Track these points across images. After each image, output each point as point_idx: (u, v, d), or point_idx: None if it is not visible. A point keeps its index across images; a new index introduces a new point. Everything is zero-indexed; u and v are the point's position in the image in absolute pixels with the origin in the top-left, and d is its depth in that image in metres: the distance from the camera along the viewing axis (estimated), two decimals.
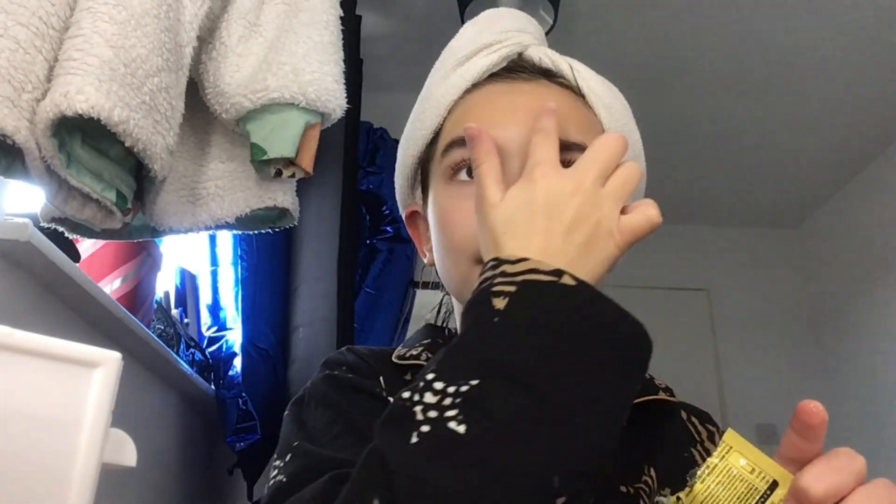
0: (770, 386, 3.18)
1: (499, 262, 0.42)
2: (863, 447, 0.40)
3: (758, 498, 0.39)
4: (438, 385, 0.38)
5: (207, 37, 0.84)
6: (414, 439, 0.36)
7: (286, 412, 0.56)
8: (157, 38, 0.69)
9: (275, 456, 0.52)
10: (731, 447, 0.41)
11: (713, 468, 0.40)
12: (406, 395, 0.39)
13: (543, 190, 0.45)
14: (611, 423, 0.38)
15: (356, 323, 1.58)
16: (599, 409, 0.38)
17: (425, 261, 0.66)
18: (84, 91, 0.60)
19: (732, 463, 0.41)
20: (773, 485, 0.40)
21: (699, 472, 0.41)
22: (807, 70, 2.45)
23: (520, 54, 0.62)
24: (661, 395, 0.60)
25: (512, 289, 0.40)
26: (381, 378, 0.56)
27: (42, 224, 0.77)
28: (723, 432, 0.63)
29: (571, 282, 0.40)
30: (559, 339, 0.38)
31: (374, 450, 0.38)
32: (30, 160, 0.60)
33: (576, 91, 0.61)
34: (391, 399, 0.53)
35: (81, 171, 0.66)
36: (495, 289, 0.41)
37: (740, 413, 3.10)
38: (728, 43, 2.34)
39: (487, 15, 0.65)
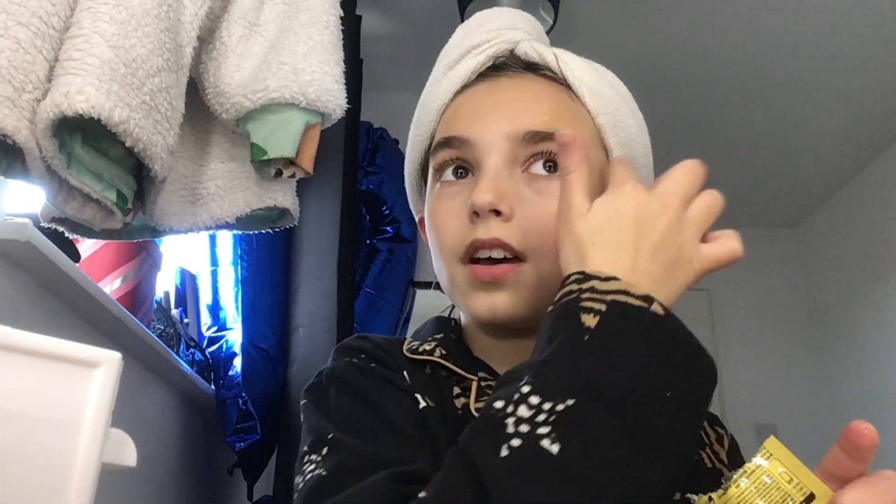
0: (770, 386, 3.18)
1: (585, 276, 0.42)
2: None
3: None
4: (534, 399, 0.38)
5: (207, 37, 0.84)
6: (504, 452, 0.37)
7: (303, 401, 0.55)
8: (158, 38, 0.69)
9: (305, 448, 0.50)
10: (771, 454, 0.41)
11: (749, 473, 0.40)
12: (499, 404, 0.39)
13: (632, 204, 0.45)
14: (684, 453, 0.39)
15: (356, 323, 1.58)
16: (677, 439, 0.39)
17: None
18: (84, 91, 0.60)
19: (771, 470, 0.40)
20: (810, 497, 0.39)
21: (735, 476, 0.40)
22: (807, 70, 2.45)
23: (511, 52, 0.62)
24: None
25: (602, 307, 0.40)
26: (405, 372, 0.56)
27: (42, 224, 0.77)
28: (729, 433, 0.63)
29: (660, 311, 0.40)
30: (649, 367, 0.39)
31: (460, 456, 0.38)
32: (30, 160, 0.60)
33: (562, 81, 0.60)
34: (417, 395, 0.53)
35: (82, 171, 0.66)
36: (584, 304, 0.41)
37: (740, 413, 3.10)
38: (728, 43, 2.34)
39: (478, 16, 0.65)
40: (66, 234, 0.79)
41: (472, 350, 0.60)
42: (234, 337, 1.39)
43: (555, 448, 0.36)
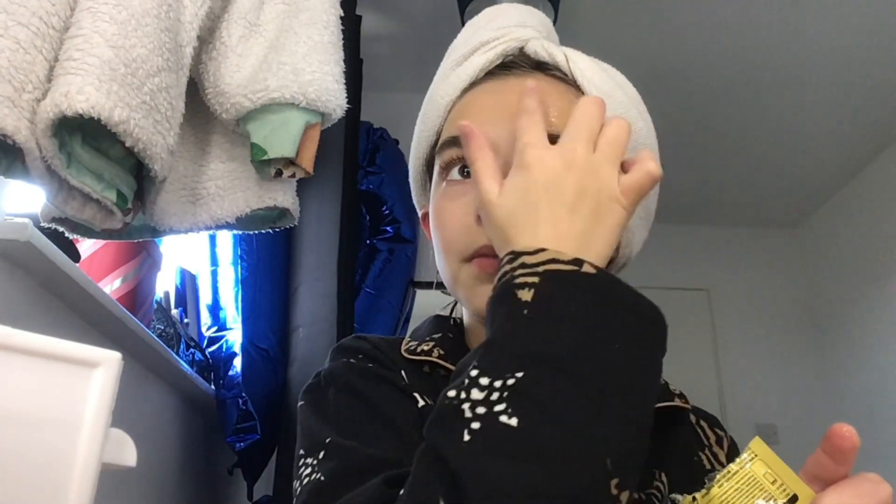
0: (770, 386, 3.18)
1: (516, 254, 0.42)
2: (862, 447, 0.40)
3: None
4: (484, 381, 0.39)
5: (207, 37, 0.84)
6: (466, 437, 0.37)
7: (301, 402, 0.55)
8: (158, 38, 0.69)
9: (302, 451, 0.50)
10: (755, 455, 0.41)
11: (734, 473, 0.40)
12: (451, 393, 0.39)
13: (538, 173, 0.45)
14: (647, 401, 0.40)
15: (356, 323, 1.58)
16: (636, 388, 0.39)
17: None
18: (84, 91, 0.60)
19: (755, 471, 0.40)
20: (793, 499, 0.39)
21: (718, 476, 0.40)
22: (807, 70, 2.45)
23: (520, 49, 0.61)
24: (677, 402, 0.60)
25: (535, 279, 0.40)
26: (403, 372, 0.56)
27: (42, 224, 0.77)
28: (728, 435, 0.63)
29: (591, 269, 0.41)
30: (590, 326, 0.39)
31: (427, 450, 0.38)
32: (30, 160, 0.60)
33: (571, 82, 0.60)
34: (416, 395, 0.53)
35: (82, 171, 0.66)
36: (518, 281, 0.41)
37: (740, 413, 3.10)
38: (728, 43, 2.34)
39: (487, 12, 0.65)
40: (66, 234, 0.79)
41: (471, 348, 0.60)
42: (234, 337, 1.39)
43: (514, 421, 0.36)
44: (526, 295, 0.40)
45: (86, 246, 1.06)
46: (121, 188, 0.71)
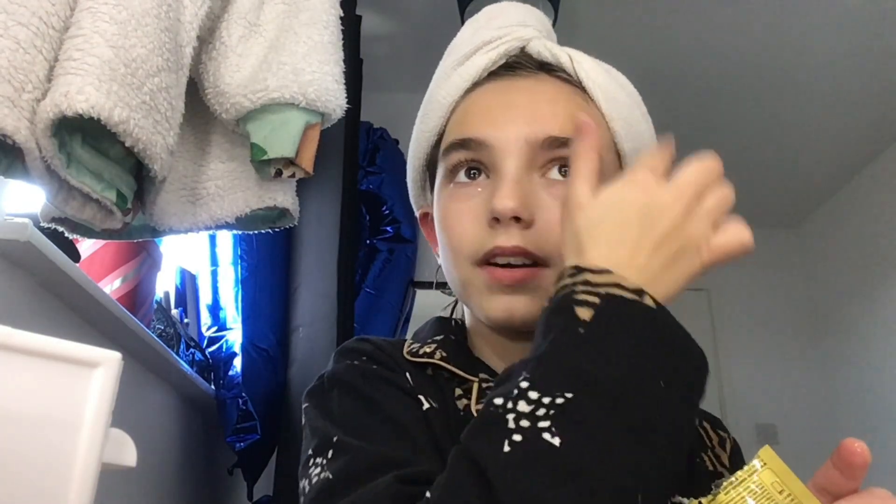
0: (770, 386, 3.18)
1: (579, 269, 0.42)
2: None
3: None
4: (533, 395, 0.39)
5: (207, 37, 0.84)
6: (507, 447, 0.37)
7: (305, 404, 0.55)
8: (158, 38, 0.69)
9: (310, 452, 0.50)
10: (764, 463, 0.40)
11: (741, 481, 0.40)
12: (498, 401, 0.40)
13: (640, 196, 0.44)
14: (679, 442, 0.40)
15: (356, 323, 1.58)
16: (673, 428, 0.39)
17: (439, 261, 0.66)
18: (84, 91, 0.60)
19: (762, 479, 0.40)
20: None
21: (725, 483, 0.40)
22: (807, 70, 2.45)
23: (522, 49, 0.61)
24: None
25: (596, 300, 0.40)
26: (407, 374, 0.55)
27: (42, 224, 0.77)
28: (731, 437, 0.63)
29: (652, 304, 0.41)
30: (643, 359, 0.39)
31: (464, 454, 0.39)
32: (30, 160, 0.60)
33: (576, 83, 0.59)
34: (420, 397, 0.53)
35: (82, 171, 0.66)
36: (578, 297, 0.41)
37: (740, 413, 3.10)
38: (728, 43, 2.34)
39: (487, 11, 0.64)
40: (66, 234, 0.79)
41: (474, 351, 0.60)
42: (234, 337, 1.39)
43: (556, 441, 0.37)
44: (584, 314, 0.40)
45: (86, 246, 1.06)
46: (121, 188, 0.71)
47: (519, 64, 0.60)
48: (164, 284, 1.41)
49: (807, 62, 2.41)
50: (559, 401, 0.38)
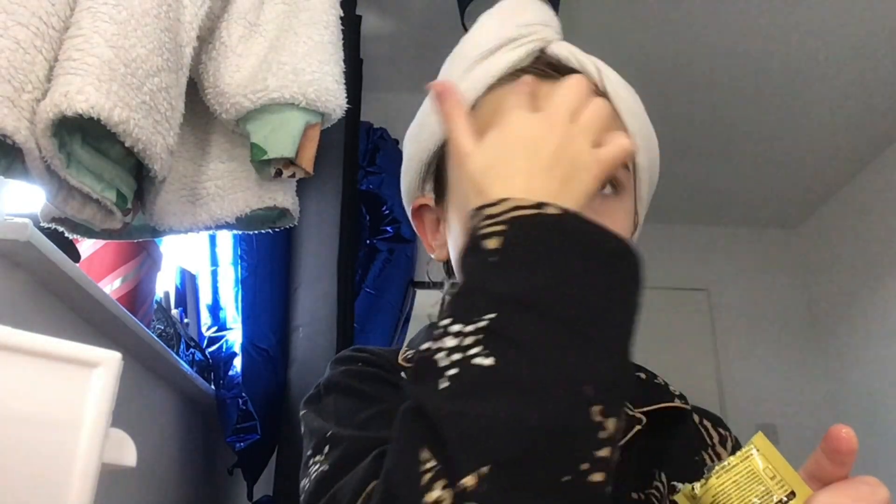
0: (770, 386, 3.18)
1: (480, 208, 0.43)
2: (862, 447, 0.40)
3: (772, 503, 0.38)
4: (455, 328, 0.39)
5: (207, 37, 0.84)
6: (444, 384, 0.37)
7: (302, 411, 0.56)
8: (157, 38, 0.69)
9: (310, 453, 0.51)
10: (757, 449, 0.41)
11: (733, 466, 0.40)
12: (426, 346, 0.40)
13: (518, 131, 0.46)
14: (624, 333, 0.40)
15: (356, 323, 1.58)
16: (612, 321, 0.39)
17: (433, 256, 0.65)
18: (84, 91, 0.60)
19: (753, 465, 0.40)
20: (791, 495, 0.39)
21: (717, 467, 0.40)
22: (807, 70, 2.45)
23: (542, 49, 0.61)
24: (677, 403, 0.60)
25: (501, 227, 0.41)
26: (403, 374, 0.56)
27: (42, 224, 0.77)
28: (733, 435, 0.63)
29: (555, 210, 0.41)
30: (558, 263, 0.40)
31: (407, 407, 0.39)
32: (30, 160, 0.60)
33: (602, 93, 0.60)
34: None
35: (81, 171, 0.66)
36: (484, 231, 0.42)
37: (740, 413, 3.10)
38: (728, 44, 2.34)
39: (509, 6, 0.63)
40: (66, 234, 0.79)
41: None
42: (234, 337, 1.39)
43: (489, 361, 0.37)
44: (492, 243, 0.41)
45: (86, 246, 1.06)
46: (121, 188, 0.71)
47: (546, 65, 0.60)
48: (164, 284, 1.41)
49: (807, 62, 2.41)
50: (482, 324, 0.38)
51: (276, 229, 0.95)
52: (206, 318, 1.43)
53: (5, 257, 0.74)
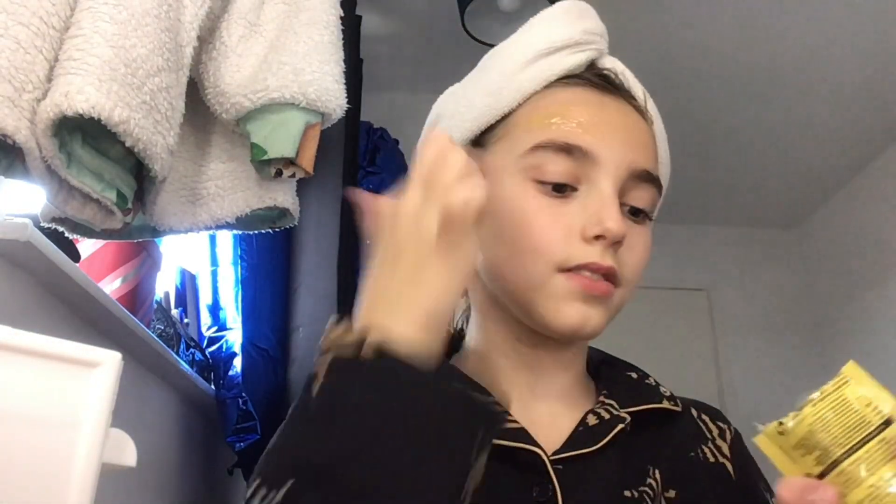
0: (770, 386, 3.18)
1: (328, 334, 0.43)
2: None
3: (869, 431, 0.37)
4: (262, 491, 0.39)
5: (208, 37, 0.84)
6: None
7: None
8: (158, 37, 0.69)
9: None
10: (848, 378, 0.40)
11: (826, 395, 0.39)
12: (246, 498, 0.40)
13: (383, 241, 0.45)
14: (441, 489, 0.38)
15: None
16: (413, 487, 0.37)
17: None
18: (84, 91, 0.60)
19: (848, 393, 0.39)
20: (887, 422, 0.38)
21: (812, 397, 0.39)
22: (807, 70, 2.45)
23: (594, 60, 0.62)
24: (665, 405, 0.60)
25: (322, 371, 0.40)
26: None
27: (42, 224, 0.77)
28: (732, 427, 0.63)
29: (370, 354, 0.39)
30: (361, 424, 0.38)
31: None
32: (30, 160, 0.60)
33: (646, 118, 0.61)
34: None
35: (82, 171, 0.66)
36: (314, 371, 0.41)
37: (740, 413, 3.10)
38: (729, 44, 2.34)
39: (577, 10, 0.63)
40: (66, 234, 0.79)
41: (465, 369, 0.60)
42: (234, 337, 1.38)
43: None
44: (316, 387, 0.40)
45: (86, 246, 1.06)
46: (121, 188, 0.71)
47: (598, 76, 0.60)
48: (164, 284, 1.41)
49: (807, 62, 2.41)
50: (281, 494, 0.37)
51: (276, 229, 0.95)
52: (206, 318, 1.43)
53: (5, 257, 0.73)
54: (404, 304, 0.41)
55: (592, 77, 0.60)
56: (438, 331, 0.42)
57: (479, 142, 0.62)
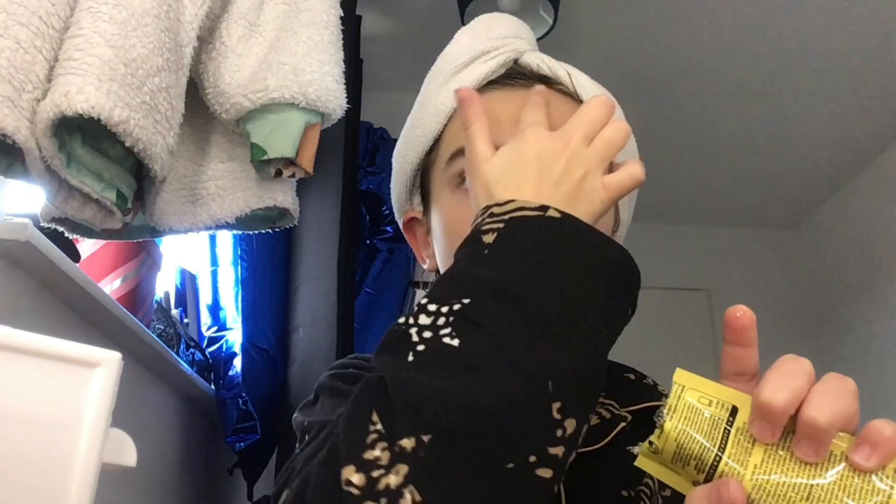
0: None
1: (487, 207, 0.44)
2: None
3: (723, 426, 0.39)
4: (432, 307, 0.40)
5: (207, 37, 0.84)
6: (410, 358, 0.38)
7: (294, 415, 0.57)
8: (158, 38, 0.69)
9: (297, 450, 0.52)
10: (684, 385, 0.41)
11: (674, 408, 0.40)
12: (401, 320, 0.41)
13: (534, 147, 0.47)
14: (601, 338, 0.40)
15: (356, 323, 1.58)
16: (589, 322, 0.40)
17: (425, 267, 0.67)
18: (84, 91, 0.60)
19: (690, 398, 0.40)
20: (734, 411, 0.39)
21: (664, 414, 0.40)
22: (807, 70, 2.45)
23: (515, 60, 0.62)
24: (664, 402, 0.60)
25: (500, 225, 0.42)
26: None
27: (42, 224, 0.77)
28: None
29: (557, 214, 0.42)
30: (545, 259, 0.40)
31: (370, 376, 0.40)
32: (30, 160, 0.60)
33: (574, 97, 0.61)
34: None
35: (82, 171, 0.66)
36: (485, 227, 0.43)
37: None
38: (729, 43, 2.34)
39: (483, 21, 0.66)
40: (66, 234, 0.79)
41: None
42: (234, 337, 1.38)
43: (455, 342, 0.38)
44: (489, 238, 0.42)
45: (86, 246, 1.06)
46: (121, 188, 0.71)
47: (517, 75, 0.62)
48: (164, 284, 1.41)
49: (807, 62, 2.41)
50: (456, 307, 0.39)
51: (277, 229, 0.95)
52: (206, 318, 1.43)
53: (5, 257, 0.74)
54: (574, 207, 0.44)
55: (506, 78, 0.62)
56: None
57: (426, 166, 0.65)
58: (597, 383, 0.40)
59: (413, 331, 0.39)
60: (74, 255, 0.93)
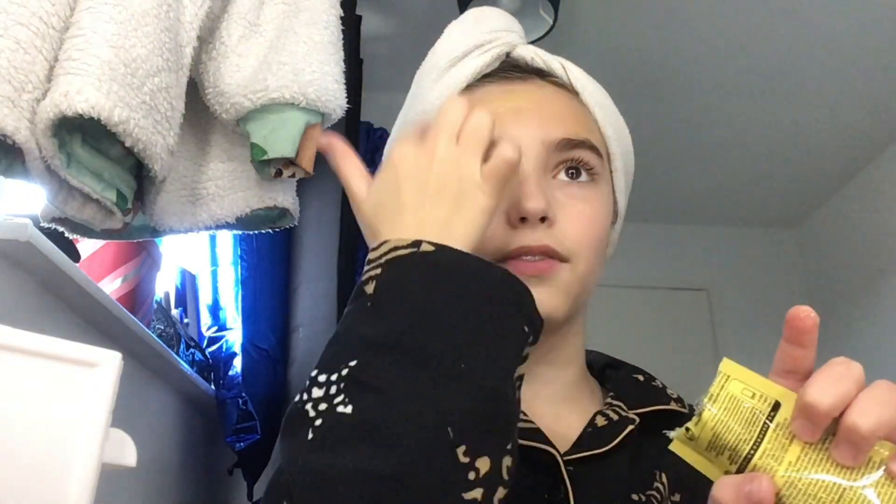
0: None
1: (368, 253, 0.44)
2: None
3: (763, 420, 0.38)
4: (322, 377, 0.39)
5: (207, 37, 0.84)
6: (310, 436, 0.37)
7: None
8: (158, 38, 0.69)
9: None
10: (728, 375, 0.41)
11: (715, 397, 0.40)
12: (296, 398, 0.39)
13: (402, 167, 0.46)
14: (497, 368, 0.39)
15: None
16: (482, 356, 0.38)
17: None
18: (84, 91, 0.60)
19: (733, 389, 0.40)
20: (776, 405, 0.39)
21: (704, 402, 0.40)
22: (807, 70, 2.45)
23: (508, 54, 0.62)
24: (673, 406, 0.60)
25: (378, 271, 0.41)
26: None
27: (42, 224, 0.77)
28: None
29: (430, 248, 0.41)
30: (427, 300, 0.39)
31: (277, 469, 0.39)
32: (30, 160, 0.60)
33: (569, 89, 0.61)
34: None
35: (82, 171, 0.66)
36: (365, 276, 0.42)
37: None
38: (729, 43, 2.34)
39: (473, 15, 0.66)
40: (66, 234, 0.79)
41: None
42: (234, 337, 1.38)
43: (349, 409, 0.36)
44: (370, 288, 0.41)
45: (86, 246, 1.06)
46: (121, 188, 0.71)
47: (511, 68, 0.61)
48: (164, 284, 1.41)
49: (807, 62, 2.41)
50: (345, 371, 0.38)
51: (277, 229, 0.95)
52: (206, 318, 1.43)
53: (5, 257, 0.74)
54: (454, 228, 0.43)
55: (501, 71, 0.61)
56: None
57: None
58: (506, 414, 0.39)
59: (308, 406, 0.38)
60: (74, 255, 0.92)
